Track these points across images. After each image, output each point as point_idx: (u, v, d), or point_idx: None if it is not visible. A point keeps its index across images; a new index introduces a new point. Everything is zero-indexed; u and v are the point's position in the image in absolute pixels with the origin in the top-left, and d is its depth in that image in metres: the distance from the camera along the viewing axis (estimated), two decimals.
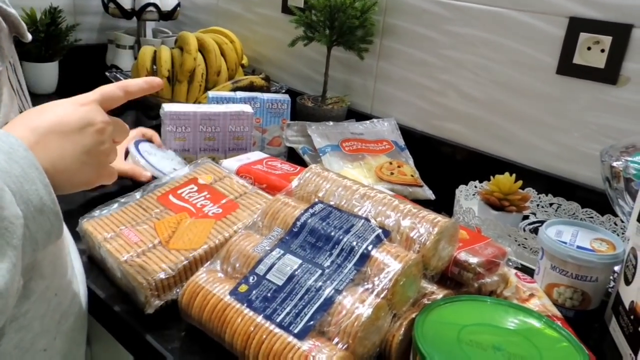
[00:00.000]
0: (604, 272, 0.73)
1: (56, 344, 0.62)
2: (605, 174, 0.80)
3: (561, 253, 0.73)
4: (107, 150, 0.56)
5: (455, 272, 0.67)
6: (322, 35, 1.24)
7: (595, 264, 0.72)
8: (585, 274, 0.72)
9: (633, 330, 0.64)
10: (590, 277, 0.72)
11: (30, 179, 0.47)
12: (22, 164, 0.47)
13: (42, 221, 0.48)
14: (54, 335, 0.61)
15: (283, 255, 0.62)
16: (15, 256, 0.44)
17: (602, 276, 0.73)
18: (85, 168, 0.54)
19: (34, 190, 0.47)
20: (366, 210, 0.65)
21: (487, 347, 0.53)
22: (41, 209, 0.48)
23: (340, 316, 0.55)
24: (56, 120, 0.52)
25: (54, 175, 0.50)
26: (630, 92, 0.95)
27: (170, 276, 0.65)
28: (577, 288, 0.73)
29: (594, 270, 0.72)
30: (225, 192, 0.78)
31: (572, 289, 0.73)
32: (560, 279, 0.74)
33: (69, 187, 0.54)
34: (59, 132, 0.52)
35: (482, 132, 1.15)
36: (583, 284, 0.73)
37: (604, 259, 0.72)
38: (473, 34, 1.12)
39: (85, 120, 0.54)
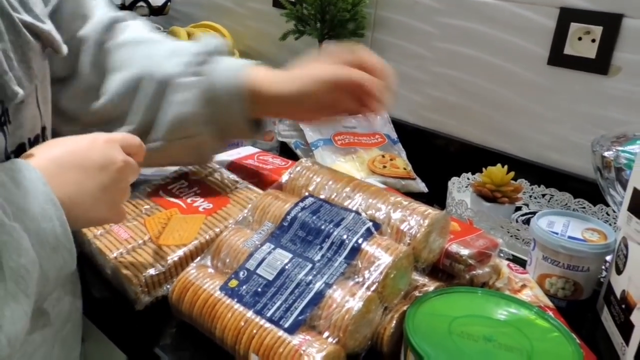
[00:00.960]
0: (595, 262, 0.73)
1: (55, 352, 0.62)
2: (597, 164, 0.79)
3: (553, 244, 0.73)
4: (123, 189, 0.56)
5: (446, 264, 0.67)
6: (313, 28, 1.23)
7: (586, 254, 0.72)
8: (577, 264, 0.72)
9: (624, 319, 0.64)
10: (582, 267, 0.72)
11: (48, 216, 0.46)
12: (40, 200, 0.46)
13: (56, 259, 0.48)
14: (52, 344, 0.61)
15: (273, 249, 0.62)
16: (28, 304, 0.44)
17: (593, 266, 0.73)
18: (100, 205, 0.54)
19: (50, 228, 0.46)
20: (357, 203, 0.65)
21: (478, 338, 0.52)
22: (56, 247, 0.47)
23: (330, 310, 0.55)
24: (79, 154, 0.52)
25: (70, 210, 0.49)
26: (621, 82, 0.95)
27: (161, 272, 0.65)
28: (569, 278, 0.73)
29: (585, 260, 0.72)
30: (216, 187, 0.78)
31: (564, 279, 0.73)
32: (552, 270, 0.74)
33: (81, 223, 0.54)
34: (80, 167, 0.51)
35: (474, 124, 1.15)
36: (575, 274, 0.73)
37: (596, 249, 0.72)
38: (465, 26, 1.12)
39: (108, 158, 0.53)
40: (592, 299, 0.76)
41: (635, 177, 0.66)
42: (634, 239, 0.65)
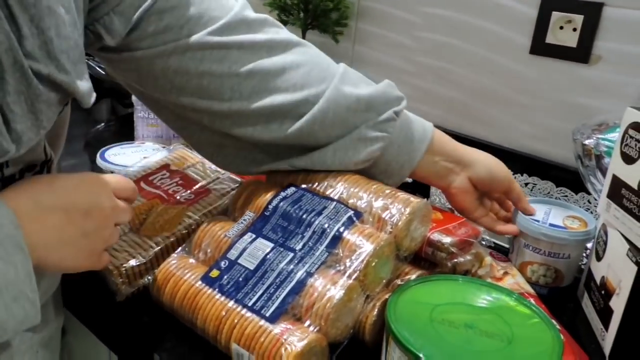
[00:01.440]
0: (576, 249, 0.74)
1: (39, 357, 0.61)
2: (577, 152, 0.80)
3: (534, 231, 0.73)
4: (107, 236, 0.52)
5: (428, 252, 0.67)
6: (296, 18, 1.23)
7: (567, 241, 0.72)
8: (558, 251, 0.73)
9: (604, 305, 0.65)
10: (562, 254, 0.73)
11: (11, 262, 0.43)
12: (5, 244, 0.42)
13: (16, 310, 0.43)
14: (36, 349, 0.61)
15: (255, 239, 0.62)
16: None
17: (574, 253, 0.74)
18: (79, 253, 0.50)
19: (12, 275, 0.43)
20: (338, 192, 0.65)
21: (459, 325, 0.53)
22: (16, 297, 0.43)
23: (312, 299, 0.55)
24: (64, 196, 0.48)
25: (45, 257, 0.46)
26: (601, 71, 0.95)
27: (142, 263, 0.64)
28: (550, 265, 0.74)
29: (566, 248, 0.73)
30: (198, 177, 0.77)
31: (546, 267, 0.74)
32: (534, 257, 0.74)
33: (53, 270, 0.50)
34: (63, 210, 0.48)
35: (458, 113, 1.15)
36: (556, 261, 0.73)
37: (576, 236, 0.73)
38: (448, 15, 1.12)
39: (94, 203, 0.50)
40: (574, 286, 0.76)
41: (614, 165, 0.66)
42: (613, 226, 0.66)
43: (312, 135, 0.65)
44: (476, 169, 0.73)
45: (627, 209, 0.63)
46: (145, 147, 0.96)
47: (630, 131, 0.63)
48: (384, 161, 0.69)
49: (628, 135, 0.64)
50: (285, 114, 0.63)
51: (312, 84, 0.64)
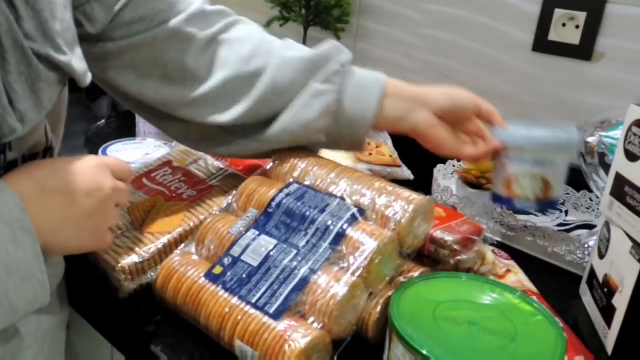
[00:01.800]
0: (560, 154, 0.73)
1: (44, 350, 0.62)
2: (580, 149, 0.80)
3: (515, 140, 0.72)
4: (109, 216, 0.54)
5: (431, 249, 0.67)
6: (298, 15, 1.23)
7: (550, 146, 0.71)
8: (543, 157, 0.71)
9: (606, 302, 0.65)
10: (547, 160, 0.72)
11: (19, 244, 0.44)
12: (13, 227, 0.44)
13: (26, 290, 0.45)
14: (42, 342, 0.61)
15: (258, 235, 0.62)
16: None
17: (559, 159, 0.73)
18: (83, 233, 0.52)
19: (21, 257, 0.44)
20: (341, 189, 0.65)
21: (462, 322, 0.53)
22: (25, 277, 0.45)
23: (315, 295, 0.55)
24: (65, 178, 0.49)
25: (51, 238, 0.48)
26: (604, 68, 0.95)
27: (144, 260, 0.64)
28: (536, 174, 0.71)
29: (550, 152, 0.72)
30: (200, 174, 0.77)
31: (532, 176, 0.71)
32: (518, 168, 0.72)
33: (61, 250, 0.53)
34: (66, 191, 0.49)
35: None
36: (542, 169, 0.72)
37: (559, 140, 0.72)
38: (450, 12, 1.11)
39: (96, 183, 0.51)
40: (575, 282, 0.77)
41: (618, 162, 0.66)
42: (616, 223, 0.66)
43: (269, 105, 0.68)
44: (437, 100, 0.72)
45: (630, 207, 0.63)
46: (147, 143, 0.96)
47: (633, 128, 0.63)
48: (344, 115, 0.69)
49: (631, 132, 0.64)
50: (241, 90, 0.67)
51: (259, 56, 0.68)
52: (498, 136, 0.73)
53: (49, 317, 0.63)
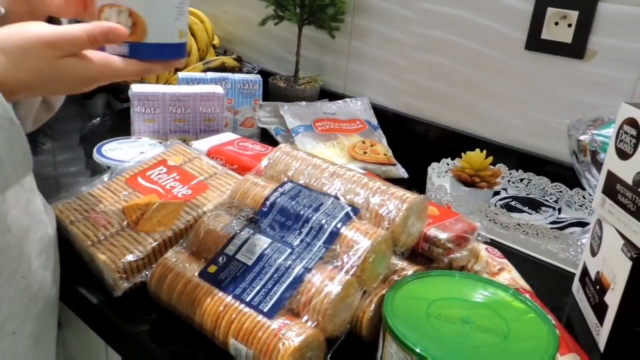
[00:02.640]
0: None
1: (25, 328, 0.61)
2: (573, 147, 0.81)
3: None
4: (65, 72, 0.53)
5: (425, 248, 0.67)
6: (292, 14, 1.22)
7: None
8: None
9: (599, 300, 0.66)
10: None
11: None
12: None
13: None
14: (22, 318, 0.61)
15: (252, 234, 0.62)
16: None
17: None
18: (64, 87, 0.54)
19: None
20: (335, 188, 0.65)
21: (455, 320, 0.53)
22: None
23: (309, 294, 0.55)
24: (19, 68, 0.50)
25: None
26: (596, 66, 0.96)
27: (139, 258, 0.64)
28: (120, 6, 0.54)
29: None
30: (195, 173, 0.77)
31: (117, 11, 0.55)
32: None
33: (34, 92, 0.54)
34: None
35: (454, 109, 1.16)
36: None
37: None
38: (444, 11, 1.12)
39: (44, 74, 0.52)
40: (569, 280, 0.77)
41: (609, 160, 0.67)
42: (608, 221, 0.66)
43: None
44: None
45: (621, 205, 0.63)
46: (142, 142, 0.96)
47: (625, 127, 0.64)
48: None
49: (623, 131, 0.64)
50: None
51: None
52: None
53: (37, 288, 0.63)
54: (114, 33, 0.53)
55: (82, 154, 1.06)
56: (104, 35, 0.53)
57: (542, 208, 0.96)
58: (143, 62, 0.56)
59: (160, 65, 0.58)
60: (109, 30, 0.53)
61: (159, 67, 0.59)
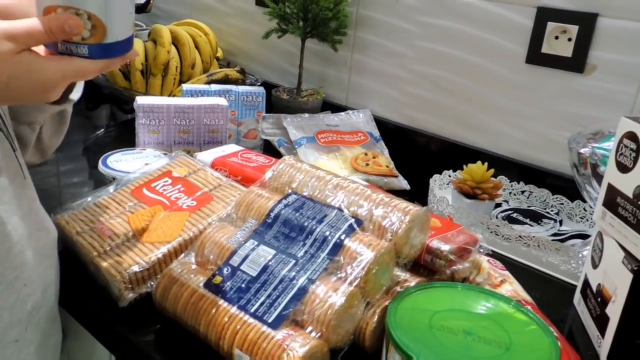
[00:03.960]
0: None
1: (28, 335, 0.62)
2: (573, 160, 0.81)
3: None
4: (17, 69, 0.49)
5: (427, 259, 0.68)
6: (295, 27, 1.24)
7: None
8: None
9: (600, 312, 0.66)
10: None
11: None
12: None
13: None
14: (25, 326, 0.61)
15: (257, 246, 0.63)
16: None
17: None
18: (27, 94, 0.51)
19: None
20: (339, 200, 0.66)
21: (458, 331, 0.54)
22: None
23: (313, 305, 0.56)
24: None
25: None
26: (596, 80, 0.97)
27: (144, 269, 0.65)
28: (79, 9, 0.51)
29: None
30: (200, 184, 0.78)
31: (75, 13, 0.51)
32: (56, 2, 0.50)
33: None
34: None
35: (455, 121, 1.17)
36: (83, 2, 0.51)
37: None
38: (445, 25, 1.13)
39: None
40: (570, 292, 0.78)
41: (610, 173, 0.68)
42: (609, 234, 0.67)
43: None
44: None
45: (622, 217, 0.64)
46: (146, 153, 0.97)
47: (625, 140, 0.65)
48: None
49: (623, 144, 0.65)
50: None
51: None
52: None
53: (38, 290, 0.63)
54: (69, 24, 0.50)
55: (86, 165, 1.07)
56: (60, 28, 0.49)
57: (544, 220, 0.97)
58: (102, 60, 0.54)
59: (119, 59, 0.56)
60: (64, 21, 0.49)
61: (117, 62, 0.56)
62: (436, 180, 1.01)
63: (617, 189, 0.65)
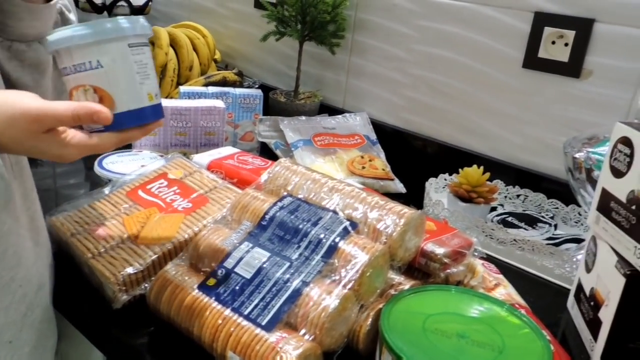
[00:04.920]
0: (106, 51, 0.56)
1: (22, 336, 0.62)
2: (568, 165, 0.82)
3: (58, 40, 0.56)
4: (45, 147, 0.55)
5: (422, 262, 0.68)
6: (293, 30, 1.24)
7: (85, 38, 0.55)
8: (82, 59, 0.55)
9: (593, 316, 0.66)
10: (90, 62, 0.56)
11: None
12: None
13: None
14: (19, 327, 0.61)
15: (251, 248, 0.63)
16: None
17: (106, 58, 0.56)
18: (43, 156, 0.56)
19: None
20: (334, 203, 0.66)
21: (451, 335, 0.54)
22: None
23: (307, 307, 0.56)
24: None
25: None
26: (592, 85, 0.97)
27: (139, 271, 0.65)
28: (85, 85, 0.56)
29: (89, 51, 0.55)
30: (195, 186, 0.78)
31: (83, 90, 0.56)
32: (67, 80, 0.57)
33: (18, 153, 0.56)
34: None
35: (452, 125, 1.17)
36: (87, 75, 0.55)
37: (98, 31, 0.55)
38: (442, 29, 1.13)
39: (25, 148, 0.55)
40: (564, 296, 0.78)
41: (604, 178, 0.68)
42: (602, 238, 0.67)
43: None
44: None
45: (616, 222, 0.64)
46: (142, 155, 0.97)
47: (619, 145, 0.65)
48: None
49: (617, 149, 0.65)
50: None
51: None
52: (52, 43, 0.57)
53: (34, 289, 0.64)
54: (99, 115, 0.55)
55: (82, 166, 1.07)
56: (89, 117, 0.55)
57: (538, 224, 0.97)
58: (119, 133, 0.57)
59: (138, 131, 0.60)
60: (94, 112, 0.55)
61: (136, 134, 0.60)
62: (432, 183, 1.01)
63: (611, 193, 0.66)
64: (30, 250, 0.63)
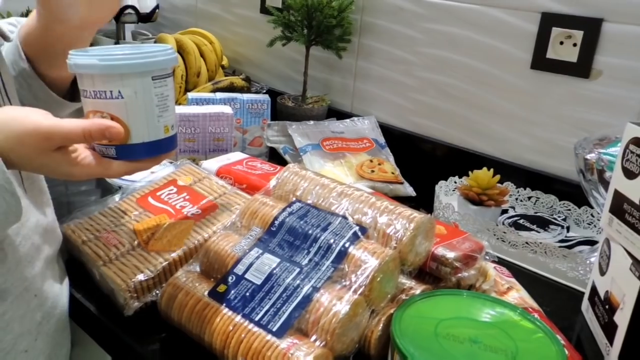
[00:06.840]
0: (129, 81, 0.56)
1: (38, 345, 0.62)
2: (580, 166, 0.81)
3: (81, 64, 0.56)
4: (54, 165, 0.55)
5: (433, 267, 0.67)
6: (300, 35, 1.24)
7: (111, 68, 0.55)
8: (103, 87, 0.56)
9: (608, 319, 0.65)
10: (110, 92, 0.56)
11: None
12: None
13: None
14: (34, 336, 0.61)
15: (261, 254, 0.63)
16: None
17: (127, 90, 0.56)
18: (51, 174, 0.57)
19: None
20: (343, 208, 0.66)
21: (464, 340, 0.53)
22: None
23: (318, 313, 0.56)
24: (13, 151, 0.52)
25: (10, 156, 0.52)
26: (602, 85, 0.96)
27: (150, 278, 0.65)
28: (102, 112, 0.56)
29: (113, 80, 0.56)
30: (205, 193, 0.78)
31: (99, 114, 0.56)
32: (85, 104, 0.58)
33: (24, 168, 0.56)
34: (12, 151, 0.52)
35: (461, 128, 1.16)
36: (106, 103, 0.56)
37: (126, 60, 0.56)
38: (449, 31, 1.13)
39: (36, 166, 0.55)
40: (578, 299, 0.77)
41: (616, 180, 0.67)
42: (616, 240, 0.66)
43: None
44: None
45: (629, 224, 0.63)
46: None
47: (630, 146, 0.64)
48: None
49: (629, 150, 0.65)
50: None
51: None
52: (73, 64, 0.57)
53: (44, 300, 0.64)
54: (110, 131, 0.55)
55: None
56: (100, 132, 0.55)
57: (551, 226, 0.96)
58: (130, 162, 0.58)
59: (150, 161, 0.60)
60: (106, 128, 0.55)
61: (148, 164, 0.60)
62: (442, 186, 1.01)
63: (623, 195, 0.65)
64: (44, 259, 0.63)
